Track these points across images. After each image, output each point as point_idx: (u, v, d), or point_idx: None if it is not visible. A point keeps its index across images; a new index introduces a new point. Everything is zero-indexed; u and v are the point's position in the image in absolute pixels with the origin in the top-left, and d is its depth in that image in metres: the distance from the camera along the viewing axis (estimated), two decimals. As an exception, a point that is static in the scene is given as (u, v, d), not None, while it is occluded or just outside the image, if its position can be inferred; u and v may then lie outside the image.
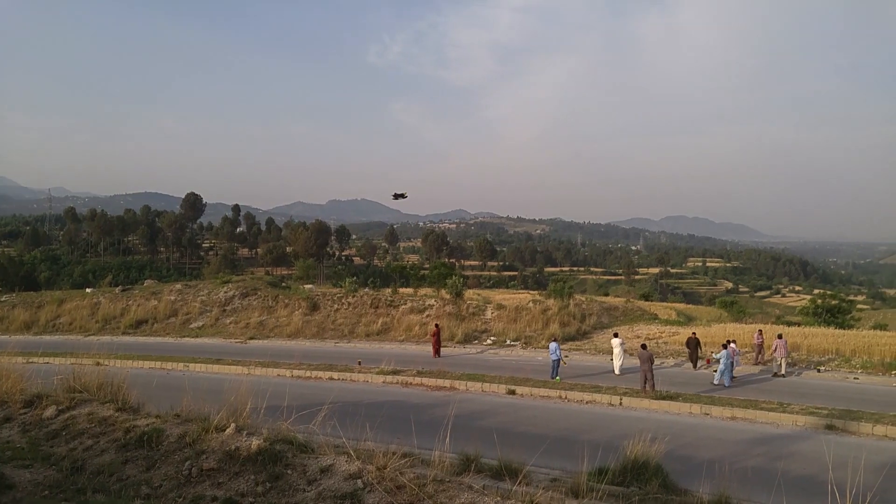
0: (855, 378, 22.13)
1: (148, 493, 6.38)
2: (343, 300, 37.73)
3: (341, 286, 41.47)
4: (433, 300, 36.96)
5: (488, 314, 35.20)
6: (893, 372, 22.55)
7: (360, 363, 23.87)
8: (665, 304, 63.90)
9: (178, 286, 42.97)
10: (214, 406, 7.88)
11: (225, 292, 39.60)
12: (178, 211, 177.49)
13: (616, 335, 24.80)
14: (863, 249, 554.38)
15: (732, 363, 20.99)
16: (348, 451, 6.66)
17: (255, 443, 6.74)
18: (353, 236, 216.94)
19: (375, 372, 22.06)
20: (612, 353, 23.43)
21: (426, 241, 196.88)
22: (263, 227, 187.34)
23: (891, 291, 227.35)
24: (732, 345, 21.80)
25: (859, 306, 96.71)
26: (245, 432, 7.16)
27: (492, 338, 31.37)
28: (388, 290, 41.79)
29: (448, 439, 7.41)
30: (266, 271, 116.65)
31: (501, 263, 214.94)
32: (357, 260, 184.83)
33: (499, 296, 49.31)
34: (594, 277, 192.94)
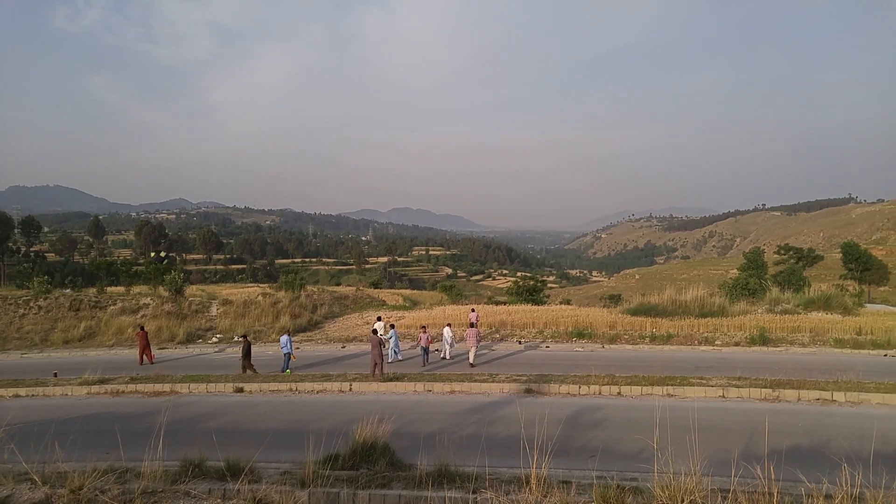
0: (546, 346, 26.17)
1: None
2: (32, 303, 31.80)
3: (28, 287, 34.80)
4: (149, 298, 33.31)
5: (214, 311, 33.07)
6: (575, 339, 27.25)
7: (55, 374, 20.40)
8: (393, 290, 67.38)
9: None
10: None
11: None
12: None
13: (379, 318, 26.26)
14: (553, 237, 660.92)
15: (451, 342, 23.26)
16: (32, 476, 5.63)
17: None
18: (46, 229, 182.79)
19: (77, 383, 19.07)
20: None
21: (140, 233, 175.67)
22: None
23: (573, 271, 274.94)
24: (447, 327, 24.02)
25: (550, 285, 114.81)
26: None
27: (218, 335, 29.57)
28: (93, 290, 36.35)
29: (161, 447, 6.76)
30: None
31: (229, 256, 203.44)
32: (51, 256, 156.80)
33: (226, 290, 46.59)
34: (326, 268, 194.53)
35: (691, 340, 26.08)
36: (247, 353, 21.08)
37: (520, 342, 27.19)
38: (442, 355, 23.17)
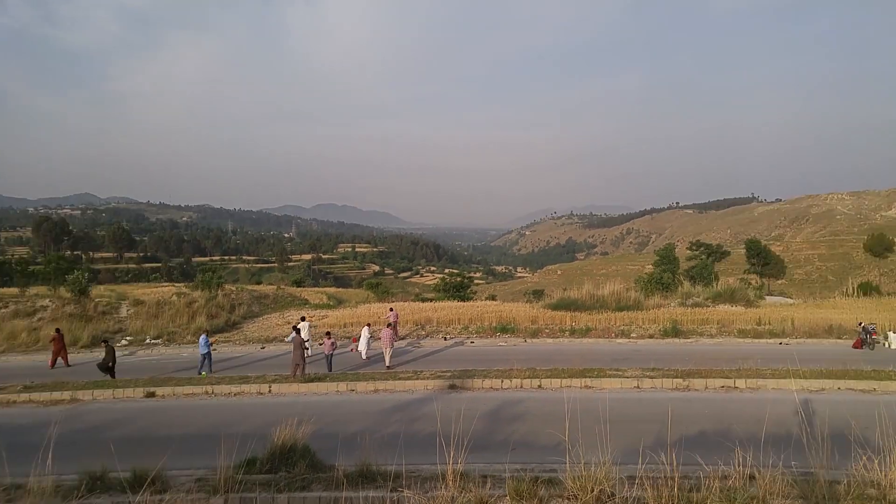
0: (471, 342, 26.44)
1: None
2: None
3: None
4: (48, 300, 31.08)
5: (123, 312, 31.28)
6: (499, 334, 27.67)
7: None
8: (317, 289, 66.09)
9: None
10: None
11: None
12: None
13: (303, 318, 25.55)
14: (480, 234, 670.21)
15: (368, 342, 22.94)
16: None
17: None
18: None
19: (-41, 395, 17.51)
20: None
21: (38, 230, 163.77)
22: None
23: (499, 268, 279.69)
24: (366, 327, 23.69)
25: (477, 281, 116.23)
26: None
27: (128, 338, 27.98)
28: (-20, 292, 33.56)
29: (51, 460, 6.26)
30: None
31: (142, 254, 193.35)
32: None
33: (138, 290, 44.15)
34: (247, 266, 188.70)
35: (608, 333, 27.06)
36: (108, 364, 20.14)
37: (445, 338, 27.33)
38: (362, 356, 22.81)
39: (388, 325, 22.67)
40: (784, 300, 41.67)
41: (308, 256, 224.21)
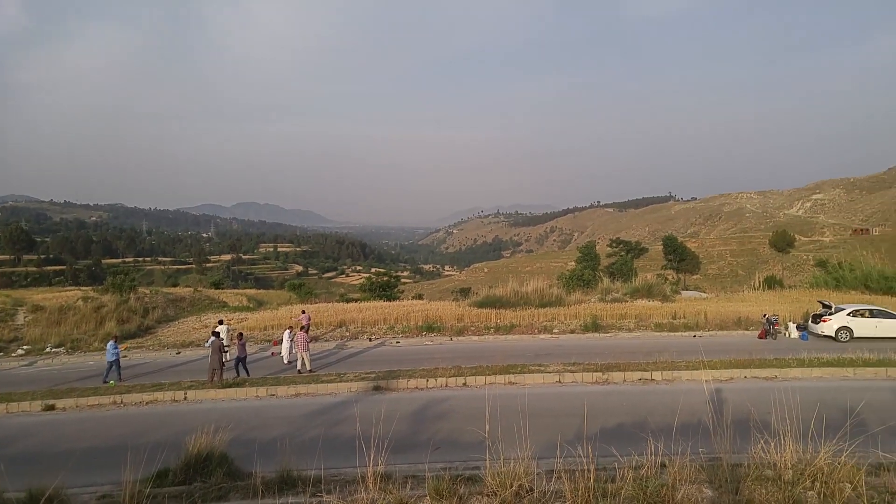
0: (397, 342, 26.25)
1: None
2: None
3: None
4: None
5: (20, 319, 29.05)
6: (425, 333, 27.62)
7: None
8: (237, 290, 64.01)
9: None
10: None
11: None
12: None
13: (221, 322, 24.24)
14: (408, 233, 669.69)
15: (291, 346, 22.17)
16: None
17: None
18: None
19: None
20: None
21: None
22: None
23: (427, 266, 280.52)
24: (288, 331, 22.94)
25: (404, 280, 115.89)
26: None
27: (24, 347, 25.93)
28: None
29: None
30: None
31: (44, 257, 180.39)
32: None
33: (38, 295, 41.09)
34: (162, 268, 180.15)
35: (532, 330, 27.59)
36: None
37: (370, 339, 27.03)
38: (285, 360, 22.11)
39: (301, 327, 22.08)
40: (698, 294, 43.90)
41: (228, 257, 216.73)
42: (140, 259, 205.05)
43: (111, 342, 19.84)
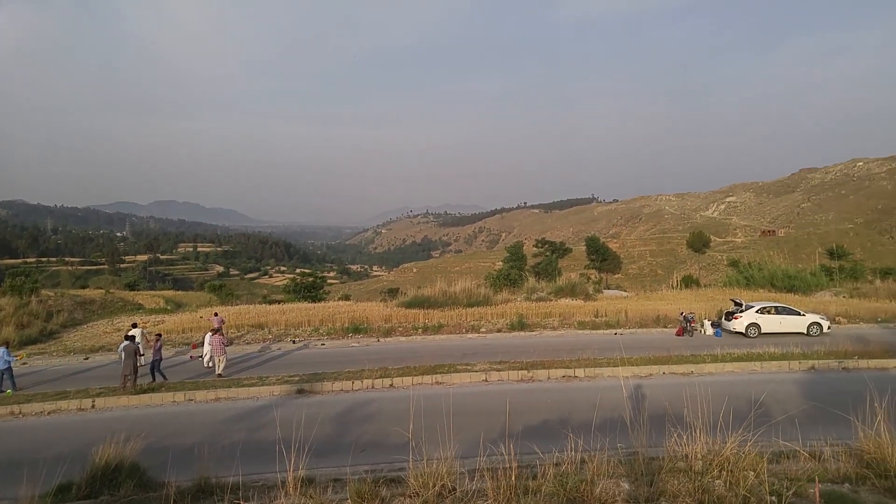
0: (322, 344, 25.75)
1: None
2: None
3: None
4: None
5: None
6: (351, 334, 27.23)
7: None
8: (153, 292, 61.09)
9: None
10: None
11: None
12: None
13: (135, 325, 22.95)
14: (334, 232, 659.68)
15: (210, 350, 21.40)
16: None
17: None
18: None
19: None
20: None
21: None
22: None
23: (355, 267, 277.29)
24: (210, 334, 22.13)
25: (331, 281, 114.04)
26: None
27: None
28: None
29: None
30: None
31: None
32: None
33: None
34: (70, 269, 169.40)
35: (459, 329, 27.78)
36: None
37: (293, 341, 26.38)
38: (205, 363, 21.23)
39: (214, 330, 21.25)
40: (619, 293, 45.55)
41: (144, 257, 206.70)
42: (44, 259, 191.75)
43: (2, 349, 18.39)
